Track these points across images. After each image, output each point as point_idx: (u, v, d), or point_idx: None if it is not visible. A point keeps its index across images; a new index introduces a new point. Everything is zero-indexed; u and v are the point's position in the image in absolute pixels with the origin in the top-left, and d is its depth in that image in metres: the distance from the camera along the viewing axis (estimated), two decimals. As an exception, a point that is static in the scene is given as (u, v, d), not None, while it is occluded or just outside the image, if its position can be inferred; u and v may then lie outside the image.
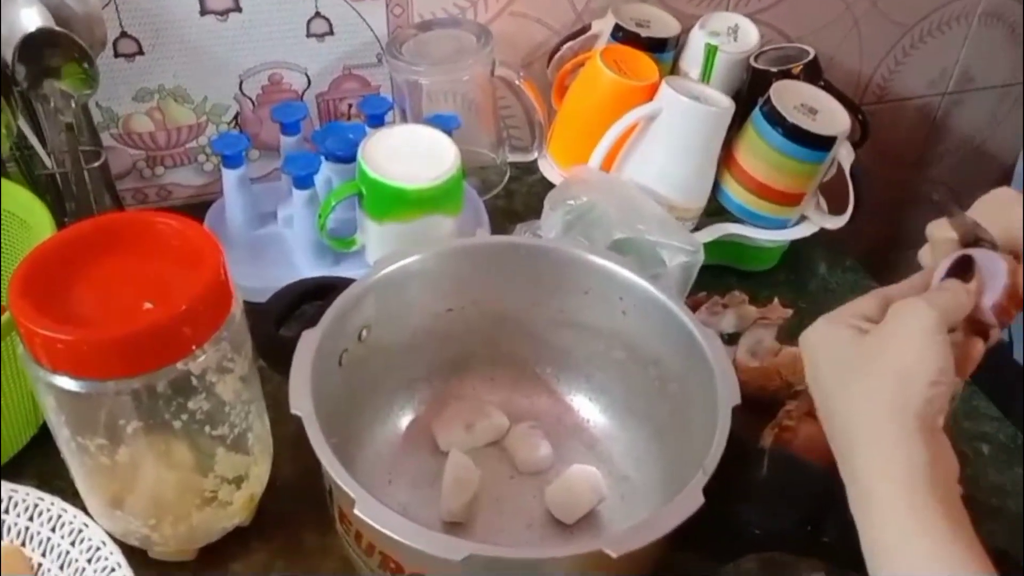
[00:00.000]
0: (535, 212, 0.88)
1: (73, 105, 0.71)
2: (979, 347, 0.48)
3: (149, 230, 0.52)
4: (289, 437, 0.62)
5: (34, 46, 0.67)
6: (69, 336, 0.46)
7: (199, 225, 0.52)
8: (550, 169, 0.87)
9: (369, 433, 0.65)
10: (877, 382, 0.44)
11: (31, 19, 0.68)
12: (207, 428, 0.52)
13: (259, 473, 0.59)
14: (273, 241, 0.83)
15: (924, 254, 0.52)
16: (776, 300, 0.75)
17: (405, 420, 0.68)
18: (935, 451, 0.42)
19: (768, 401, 0.68)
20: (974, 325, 0.47)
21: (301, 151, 0.81)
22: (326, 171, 0.79)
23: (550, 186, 0.87)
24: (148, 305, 0.48)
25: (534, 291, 0.66)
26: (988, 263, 0.47)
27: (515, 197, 0.94)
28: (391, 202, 0.73)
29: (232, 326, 0.51)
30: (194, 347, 0.48)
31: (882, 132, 1.12)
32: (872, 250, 1.16)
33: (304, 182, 0.77)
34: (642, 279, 0.61)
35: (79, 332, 0.46)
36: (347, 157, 0.77)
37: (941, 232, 0.50)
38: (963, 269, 0.48)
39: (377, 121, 0.84)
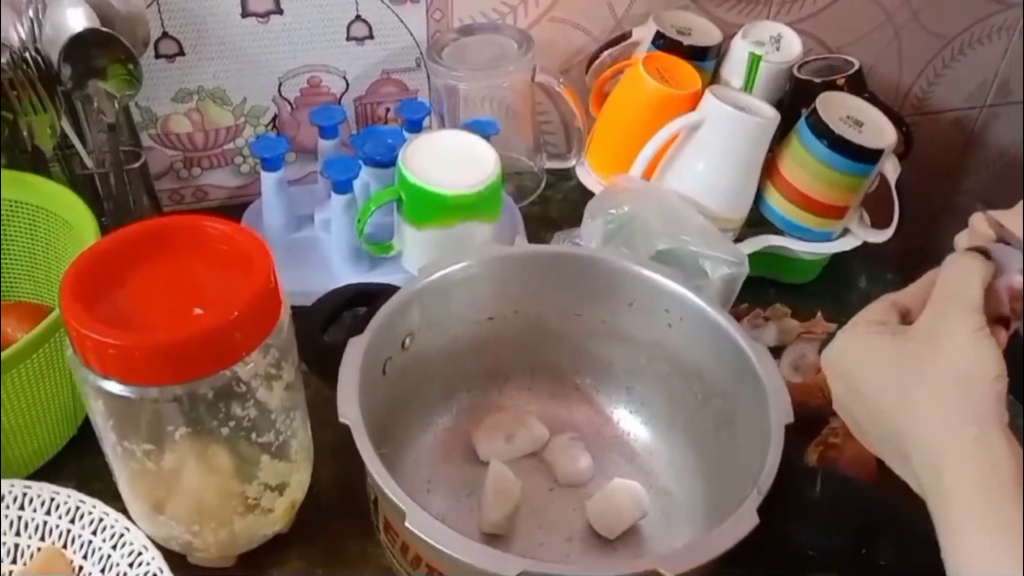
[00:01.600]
0: (570, 220, 0.88)
1: (116, 106, 0.71)
2: (1002, 336, 0.47)
3: (198, 234, 0.51)
4: (327, 444, 0.61)
5: (80, 46, 0.67)
6: (121, 341, 0.45)
7: (249, 230, 0.52)
8: (588, 177, 0.86)
9: (409, 441, 0.64)
10: (937, 387, 0.44)
11: (77, 19, 0.68)
12: (253, 435, 0.52)
13: (300, 480, 0.59)
14: (309, 245, 0.82)
15: (960, 239, 0.51)
16: (819, 314, 0.75)
17: (444, 428, 0.67)
18: (1014, 447, 0.42)
19: (809, 418, 0.67)
20: (994, 315, 0.47)
21: (340, 155, 0.81)
22: (364, 175, 0.78)
23: (586, 193, 0.87)
24: (198, 311, 0.47)
25: (577, 301, 0.65)
26: (1004, 255, 0.47)
27: (550, 204, 0.93)
28: (431, 208, 0.73)
29: (281, 333, 0.50)
30: (244, 354, 0.48)
31: (919, 144, 1.11)
32: (905, 262, 1.14)
33: (344, 186, 0.76)
34: (690, 291, 0.60)
35: (131, 337, 0.45)
36: (386, 162, 0.77)
37: (978, 223, 0.49)
38: None
39: (415, 126, 0.84)
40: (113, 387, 0.47)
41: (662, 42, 0.83)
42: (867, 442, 0.48)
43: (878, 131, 0.75)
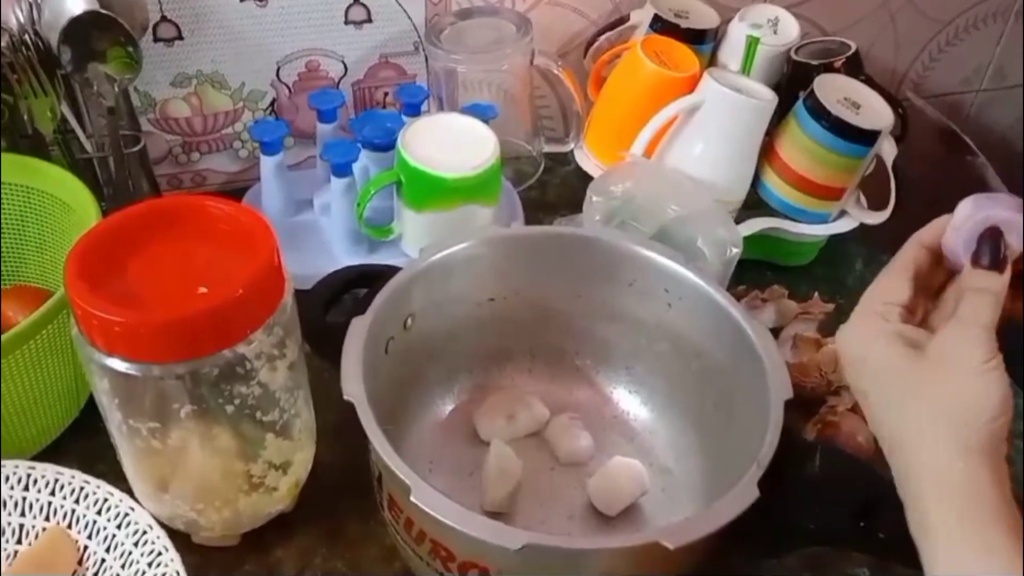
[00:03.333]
0: (568, 204, 0.88)
1: (115, 89, 0.71)
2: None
3: (201, 213, 0.52)
4: (328, 426, 0.62)
5: (80, 29, 0.67)
6: (126, 318, 0.45)
7: (252, 209, 0.52)
8: (586, 160, 0.87)
9: (410, 421, 0.65)
10: (935, 411, 0.44)
11: (76, 2, 0.68)
12: (257, 413, 0.52)
13: (304, 459, 0.59)
14: (309, 228, 0.82)
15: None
16: (817, 295, 0.75)
17: (445, 409, 0.68)
18: (998, 479, 0.43)
19: (807, 398, 0.68)
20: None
21: (339, 139, 0.81)
22: (363, 159, 0.79)
23: (584, 177, 0.87)
24: (202, 289, 0.48)
25: (577, 282, 0.65)
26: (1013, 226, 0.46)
27: (548, 188, 0.93)
28: (430, 191, 0.73)
29: (284, 312, 0.51)
30: (248, 332, 0.48)
31: (914, 128, 1.12)
32: (898, 246, 1.15)
33: (343, 170, 0.76)
34: (689, 271, 0.61)
35: (135, 315, 0.46)
36: (384, 145, 0.77)
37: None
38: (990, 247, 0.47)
39: (413, 110, 0.84)
40: (118, 365, 0.47)
41: (660, 25, 0.84)
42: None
43: (875, 113, 0.75)
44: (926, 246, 0.50)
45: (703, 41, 0.84)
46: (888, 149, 0.76)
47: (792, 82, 0.81)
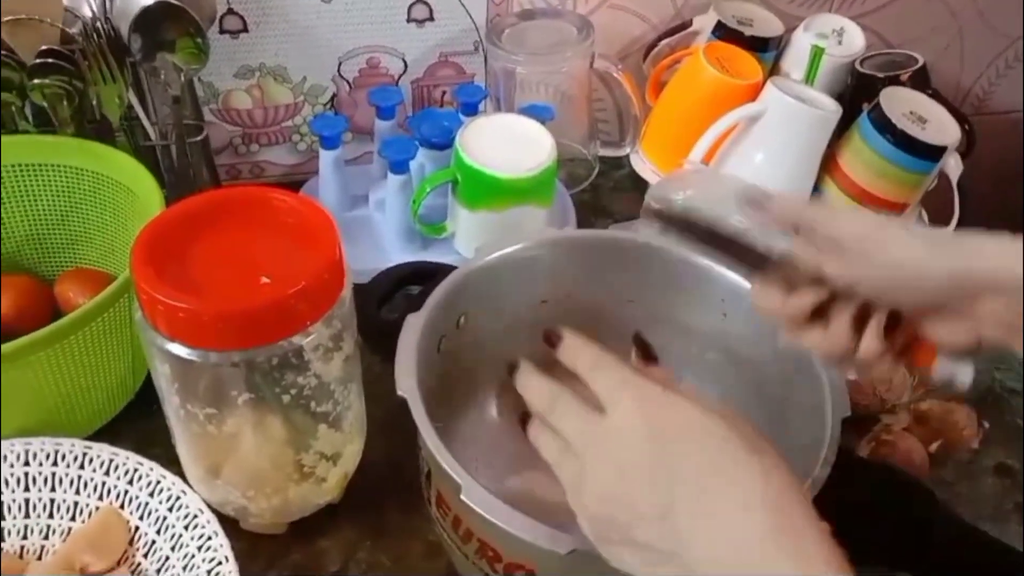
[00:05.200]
0: (620, 208, 0.88)
1: (182, 79, 0.73)
2: None
3: (265, 205, 0.52)
4: (377, 420, 0.62)
5: (150, 19, 0.68)
6: (190, 305, 0.46)
7: (315, 202, 0.52)
8: (642, 165, 0.86)
9: (459, 420, 0.65)
10: None
11: (147, -8, 0.69)
12: (312, 404, 0.52)
13: (353, 452, 0.60)
14: (364, 223, 0.83)
15: None
16: (875, 311, 0.74)
17: (493, 410, 0.68)
18: None
19: (859, 415, 0.67)
20: None
21: (396, 136, 0.82)
22: (420, 157, 0.79)
23: (638, 182, 0.86)
24: (265, 280, 0.48)
25: (630, 287, 0.65)
26: None
27: (600, 192, 0.93)
28: (486, 191, 0.73)
29: (343, 306, 0.51)
30: (308, 324, 0.49)
31: (978, 145, 1.09)
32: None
33: (400, 167, 0.77)
34: (746, 281, 0.60)
35: (200, 302, 0.46)
36: (442, 144, 0.78)
37: None
38: None
39: (471, 109, 0.84)
40: (179, 350, 0.47)
41: (722, 32, 0.83)
42: None
43: (941, 128, 0.74)
44: None
45: (766, 49, 0.83)
46: (953, 165, 0.75)
47: (856, 94, 0.80)
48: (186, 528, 0.55)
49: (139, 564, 0.56)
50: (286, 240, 0.50)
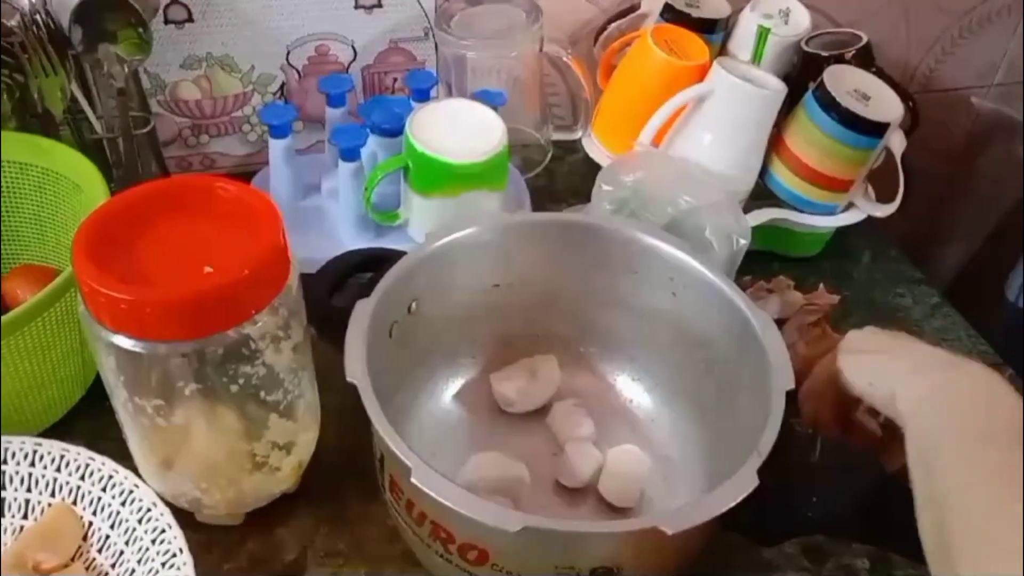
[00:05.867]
0: (575, 192, 0.88)
1: (126, 70, 0.72)
2: None
3: (208, 194, 0.52)
4: (331, 409, 0.62)
5: (91, 9, 0.67)
6: (132, 296, 0.46)
7: (258, 191, 0.52)
8: (595, 149, 0.87)
9: (413, 405, 0.65)
10: None
11: (87, -18, 0.68)
12: (262, 393, 0.52)
13: (307, 440, 0.60)
14: (316, 212, 0.83)
15: None
16: (822, 286, 0.75)
17: (448, 394, 0.68)
18: None
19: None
20: None
21: (348, 123, 0.81)
22: (371, 144, 0.79)
23: (591, 166, 0.87)
24: (208, 269, 0.48)
25: (582, 270, 0.65)
26: None
27: (555, 176, 0.93)
28: (438, 176, 0.73)
29: (290, 294, 0.51)
30: (254, 312, 0.49)
31: (925, 122, 1.11)
32: (909, 238, 1.15)
33: (351, 154, 0.76)
34: (695, 260, 0.61)
35: (142, 293, 0.46)
36: (393, 131, 0.77)
37: None
38: None
39: (423, 96, 0.83)
40: (124, 342, 0.47)
41: (670, 14, 0.83)
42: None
43: (885, 105, 0.75)
44: None
45: (713, 30, 0.84)
46: (897, 142, 0.76)
47: (802, 73, 0.80)
48: (140, 522, 0.55)
49: (93, 559, 0.56)
50: (230, 229, 0.50)
